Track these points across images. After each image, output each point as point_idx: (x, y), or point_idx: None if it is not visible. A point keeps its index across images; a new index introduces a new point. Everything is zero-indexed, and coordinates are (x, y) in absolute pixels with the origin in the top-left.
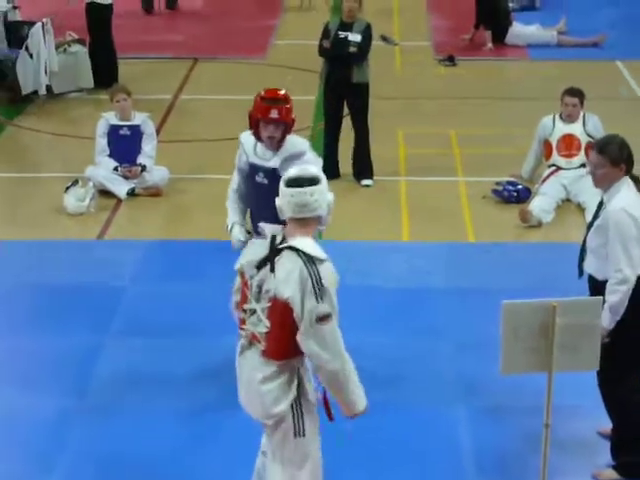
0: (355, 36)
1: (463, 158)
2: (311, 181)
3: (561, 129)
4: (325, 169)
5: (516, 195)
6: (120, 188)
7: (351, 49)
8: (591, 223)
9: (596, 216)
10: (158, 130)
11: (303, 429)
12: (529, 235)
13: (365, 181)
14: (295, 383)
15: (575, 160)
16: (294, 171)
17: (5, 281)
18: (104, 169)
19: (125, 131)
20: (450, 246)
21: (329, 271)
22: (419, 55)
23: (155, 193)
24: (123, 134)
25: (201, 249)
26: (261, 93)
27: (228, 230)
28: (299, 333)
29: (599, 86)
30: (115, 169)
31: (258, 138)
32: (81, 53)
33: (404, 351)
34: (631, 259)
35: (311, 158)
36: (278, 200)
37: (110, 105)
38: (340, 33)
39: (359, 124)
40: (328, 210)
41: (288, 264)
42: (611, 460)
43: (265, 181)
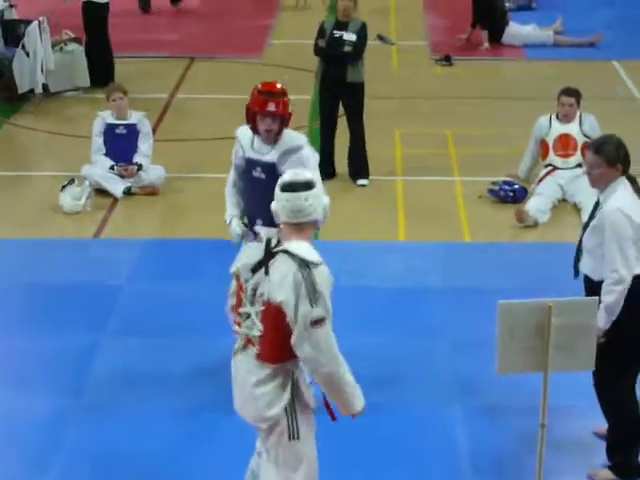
0: (350, 35)
1: (459, 158)
2: (306, 186)
3: (557, 129)
4: (321, 169)
5: (512, 195)
6: (116, 187)
7: (346, 48)
8: (587, 223)
9: (592, 216)
10: (154, 129)
11: (298, 432)
12: (525, 235)
13: (361, 181)
14: (289, 386)
15: (571, 160)
16: (289, 176)
17: (1, 280)
18: (100, 168)
19: (121, 130)
20: (446, 246)
21: (323, 275)
22: (415, 55)
23: (151, 192)
24: (119, 133)
25: (197, 248)
26: (258, 86)
27: (227, 224)
28: (293, 337)
29: (595, 86)
30: (111, 168)
31: (255, 131)
32: (77, 52)
33: (400, 351)
34: (627, 259)
35: (308, 153)
36: (273, 204)
37: (106, 104)
38: (335, 32)
39: (354, 124)
40: (324, 214)
41: (282, 268)
42: (607, 460)
43: (262, 176)
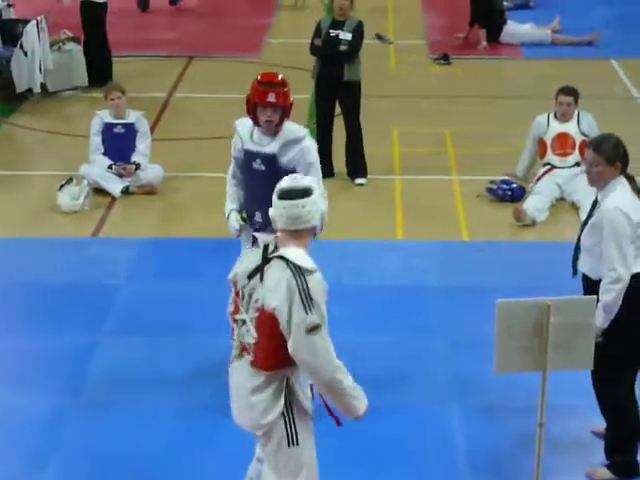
0: (346, 34)
1: (457, 157)
2: (304, 193)
3: (555, 128)
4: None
5: (510, 194)
6: (114, 186)
7: (342, 47)
8: (585, 222)
9: (590, 215)
10: (152, 128)
11: (296, 438)
12: (523, 234)
13: (359, 180)
14: (285, 393)
15: (569, 159)
16: (287, 182)
17: None
18: (98, 167)
19: (119, 129)
20: (444, 245)
21: (318, 282)
22: (414, 54)
23: (149, 191)
24: (117, 132)
25: (195, 247)
26: (258, 77)
27: (226, 217)
28: (290, 344)
29: (594, 85)
30: (109, 167)
31: (256, 123)
32: (75, 51)
33: (398, 350)
34: (625, 258)
35: (310, 144)
36: (271, 211)
37: (104, 103)
38: (331, 31)
39: (351, 123)
40: (321, 221)
41: (276, 274)
42: (605, 459)
43: (262, 167)
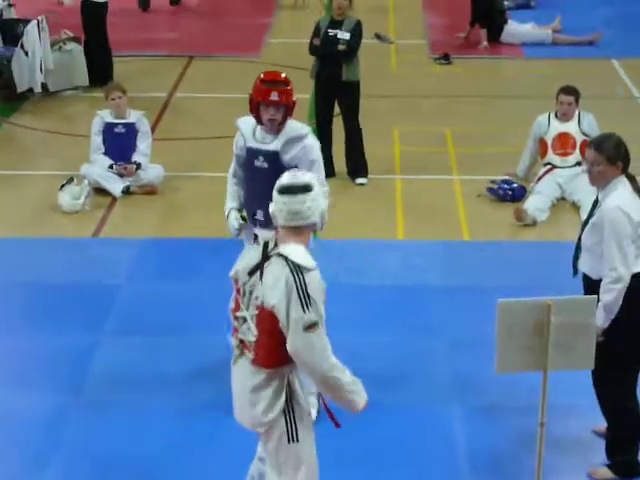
0: (344, 34)
1: (458, 156)
2: (304, 189)
3: (556, 127)
4: None
5: (511, 194)
6: (115, 186)
7: (340, 47)
8: (586, 221)
9: (591, 214)
10: (153, 128)
11: (296, 435)
12: (524, 234)
13: (360, 179)
14: (285, 390)
15: (570, 158)
16: (287, 178)
17: (0, 279)
18: (99, 167)
19: (120, 129)
20: (445, 244)
21: (316, 280)
22: (414, 53)
23: (150, 191)
24: (118, 132)
25: (196, 247)
26: (261, 76)
27: (225, 216)
28: (287, 342)
29: (594, 85)
30: (110, 167)
31: (259, 121)
32: (76, 51)
33: (399, 350)
34: (626, 258)
35: (312, 141)
36: (271, 207)
37: (105, 103)
38: (330, 31)
39: (350, 123)
40: (321, 217)
41: (276, 271)
42: (606, 459)
43: (265, 165)
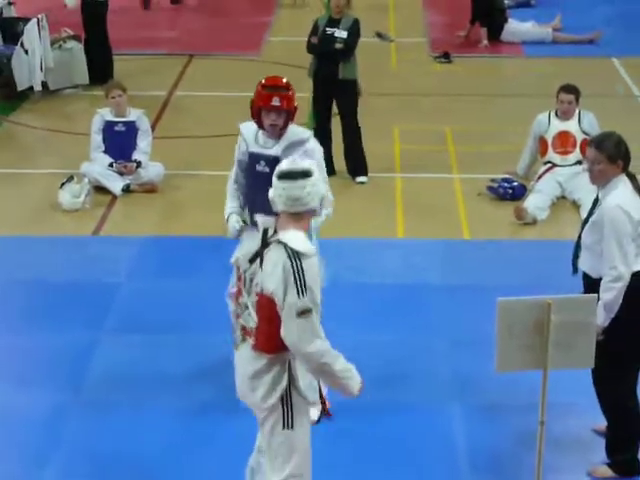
0: (341, 32)
1: (458, 155)
2: (303, 174)
3: (556, 126)
4: None
5: (511, 192)
6: (115, 184)
7: (337, 45)
8: (586, 220)
9: (591, 212)
10: (153, 126)
11: (292, 422)
12: (524, 232)
13: (360, 178)
14: (286, 376)
15: (570, 157)
16: (286, 164)
17: (0, 277)
18: (99, 165)
19: (120, 127)
20: (445, 243)
21: (314, 267)
22: (414, 52)
23: (150, 189)
24: (118, 130)
25: (196, 245)
26: (262, 81)
27: (225, 219)
28: (281, 327)
29: (595, 83)
30: (110, 165)
31: (260, 126)
32: (76, 49)
33: (399, 348)
34: (626, 256)
35: (314, 146)
36: (270, 192)
37: (105, 101)
38: (327, 29)
39: (348, 121)
40: (321, 203)
41: (274, 257)
42: (606, 457)
43: (266, 169)
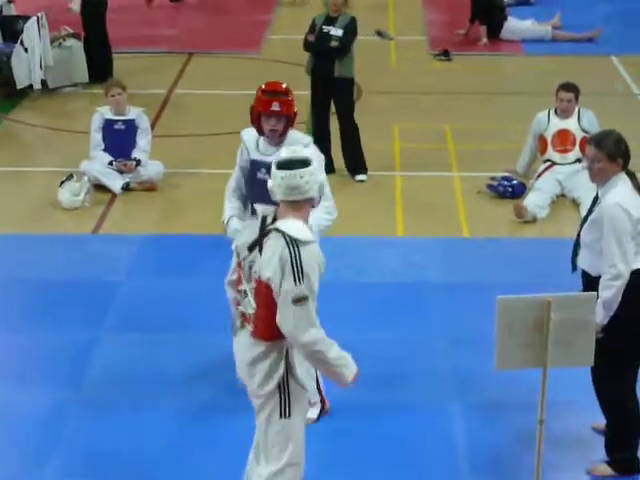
0: (337, 30)
1: (458, 153)
2: (302, 163)
3: (556, 124)
4: None
5: (511, 190)
6: (115, 182)
7: (332, 43)
8: (585, 218)
9: (591, 211)
10: (153, 125)
11: (289, 411)
12: (524, 230)
13: (359, 176)
14: (283, 364)
15: (570, 155)
16: (285, 153)
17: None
18: (99, 163)
19: (120, 125)
20: (445, 241)
21: (313, 254)
22: (414, 50)
23: (150, 188)
24: (118, 128)
25: (196, 244)
26: (262, 86)
27: (225, 223)
28: (277, 314)
29: (594, 81)
30: (110, 163)
31: (260, 132)
32: (76, 47)
33: (398, 347)
34: (625, 254)
35: (313, 152)
36: (269, 182)
37: (105, 99)
38: (324, 27)
39: (345, 120)
40: (320, 192)
41: (272, 245)
42: (606, 456)
43: (267, 177)
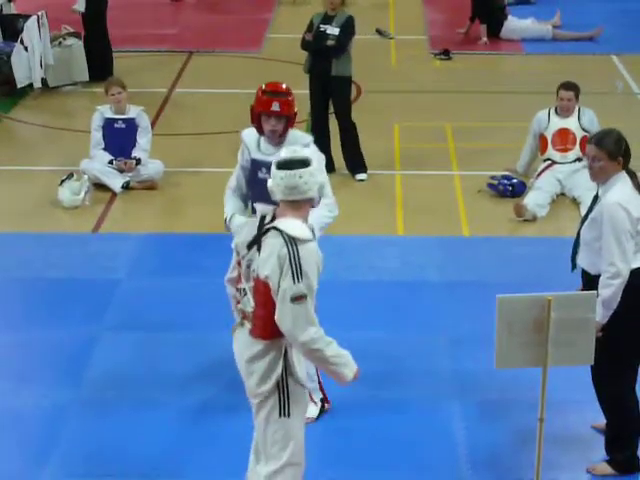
0: (334, 29)
1: (458, 152)
2: (302, 163)
3: (556, 123)
4: None
5: (511, 189)
6: (115, 181)
7: (329, 42)
8: (585, 216)
9: (591, 209)
10: (153, 123)
11: (288, 410)
12: (524, 229)
13: (359, 175)
14: (281, 363)
15: (570, 154)
16: (285, 153)
17: None
18: (99, 162)
19: (120, 124)
20: (445, 240)
21: (311, 252)
22: (414, 49)
23: (150, 186)
24: (118, 127)
25: (196, 242)
26: (262, 86)
27: (227, 221)
28: (276, 312)
29: (594, 80)
30: (110, 162)
31: (260, 132)
32: (76, 46)
33: (398, 346)
34: (624, 253)
35: (313, 152)
36: (269, 182)
37: (105, 98)
38: (321, 26)
39: (343, 119)
40: (319, 192)
41: (271, 243)
42: (605, 455)
43: (268, 176)
